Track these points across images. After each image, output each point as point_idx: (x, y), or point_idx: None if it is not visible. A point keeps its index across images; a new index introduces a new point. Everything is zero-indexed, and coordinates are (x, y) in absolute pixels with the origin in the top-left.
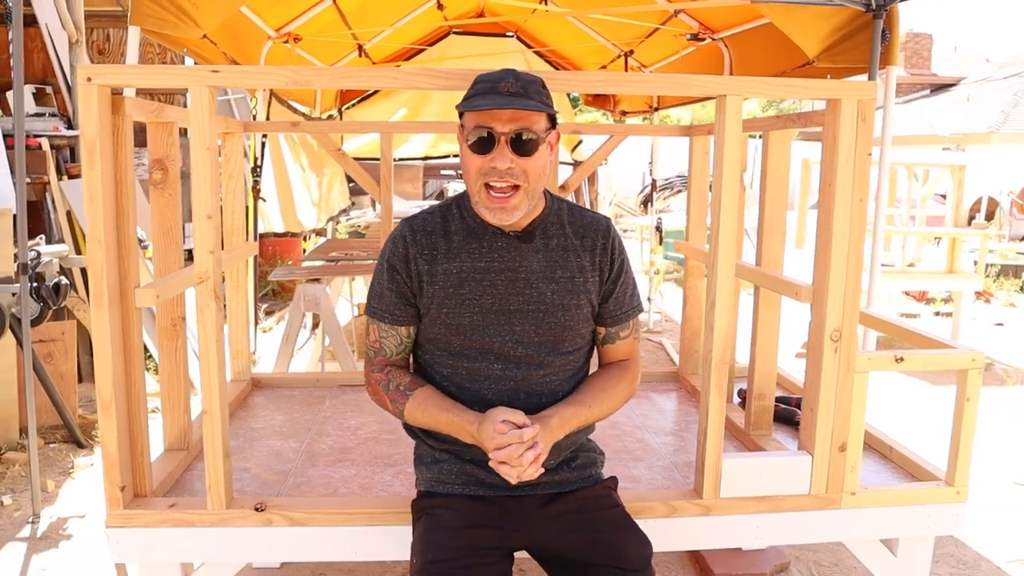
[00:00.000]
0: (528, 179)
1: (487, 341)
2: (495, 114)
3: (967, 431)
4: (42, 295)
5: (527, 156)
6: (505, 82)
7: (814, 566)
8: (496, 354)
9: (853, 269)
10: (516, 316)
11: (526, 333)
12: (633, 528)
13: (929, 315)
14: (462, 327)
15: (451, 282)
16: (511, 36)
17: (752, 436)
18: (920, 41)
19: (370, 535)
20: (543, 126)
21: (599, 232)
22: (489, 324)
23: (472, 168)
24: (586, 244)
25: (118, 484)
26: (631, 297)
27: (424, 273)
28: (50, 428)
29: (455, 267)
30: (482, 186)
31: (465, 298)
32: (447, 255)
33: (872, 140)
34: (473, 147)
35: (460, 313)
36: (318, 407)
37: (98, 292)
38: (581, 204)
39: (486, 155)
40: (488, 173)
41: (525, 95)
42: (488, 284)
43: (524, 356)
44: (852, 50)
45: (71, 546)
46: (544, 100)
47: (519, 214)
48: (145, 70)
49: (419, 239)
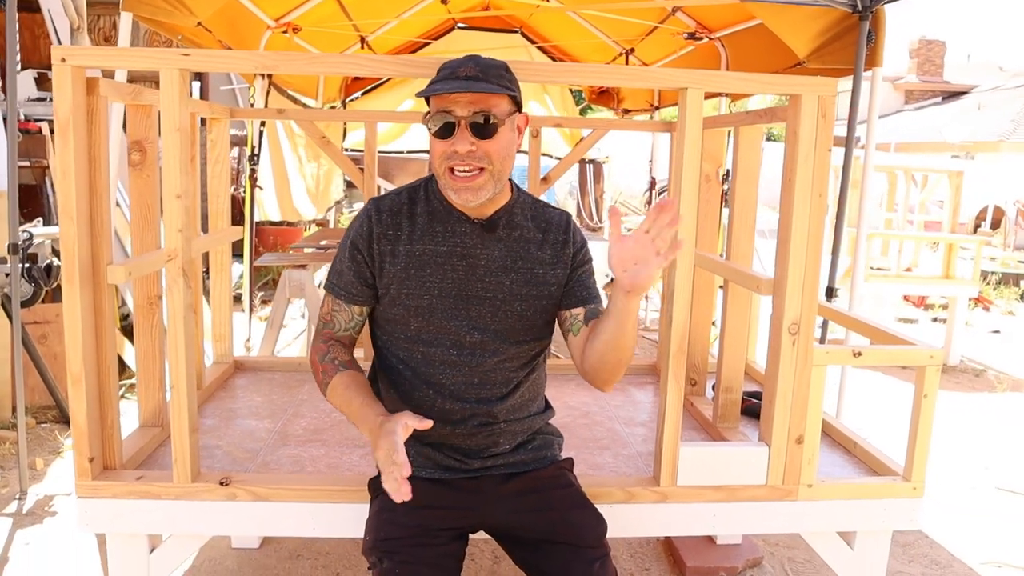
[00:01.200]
0: (491, 161)
1: (444, 325)
2: (454, 98)
3: (924, 427)
4: (34, 276)
5: (487, 139)
6: (464, 67)
7: (788, 562)
8: (452, 339)
9: (812, 262)
10: (474, 303)
11: (483, 320)
12: (587, 506)
13: (927, 321)
14: (420, 309)
15: (412, 264)
16: (516, 32)
17: (719, 428)
18: (933, 48)
19: (331, 512)
20: (505, 109)
21: (561, 227)
22: (447, 308)
23: (435, 153)
24: (548, 238)
25: (87, 455)
26: (593, 286)
27: (387, 253)
28: (42, 408)
29: (417, 249)
30: (446, 170)
31: (425, 280)
32: (410, 236)
33: (832, 136)
34: (435, 132)
35: (420, 295)
36: (297, 390)
37: (69, 268)
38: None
39: (448, 139)
40: (450, 157)
41: (484, 79)
42: (449, 268)
43: (479, 343)
44: (841, 51)
45: (55, 522)
46: (505, 84)
47: (485, 194)
48: (116, 52)
49: (384, 219)
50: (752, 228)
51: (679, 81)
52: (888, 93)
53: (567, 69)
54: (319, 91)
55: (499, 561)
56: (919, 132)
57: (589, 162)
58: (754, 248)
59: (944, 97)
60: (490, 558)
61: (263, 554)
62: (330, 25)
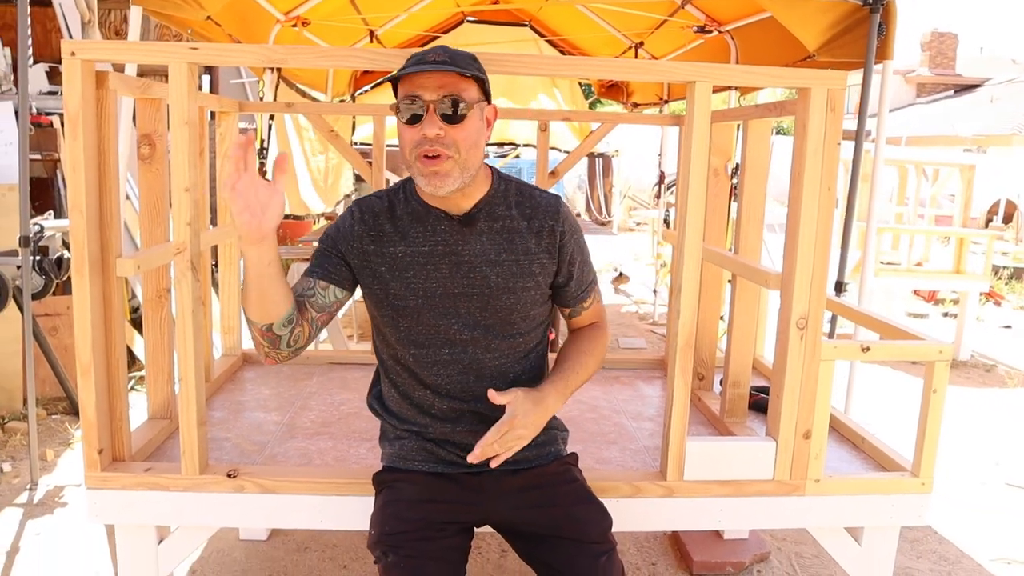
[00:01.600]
0: (459, 149)
1: (433, 324)
2: (423, 83)
3: (933, 423)
4: (45, 268)
5: (456, 124)
6: (433, 53)
7: (795, 557)
8: (443, 338)
9: (820, 257)
10: (461, 300)
11: (472, 316)
12: (592, 501)
13: (938, 315)
14: (408, 309)
15: (396, 265)
16: (525, 25)
17: (727, 423)
18: (945, 41)
19: (338, 504)
20: (474, 95)
21: (548, 214)
22: (435, 308)
23: (405, 141)
24: (533, 226)
25: (96, 447)
26: (589, 272)
27: (372, 254)
28: (53, 399)
29: (400, 250)
30: (417, 156)
31: (409, 281)
32: (392, 238)
33: (841, 130)
34: (404, 118)
35: (405, 296)
36: (305, 383)
37: (79, 260)
38: (596, 196)
39: (416, 126)
40: (420, 144)
41: (452, 63)
42: (432, 268)
43: (471, 339)
44: (851, 44)
45: (65, 512)
46: (473, 69)
47: (452, 182)
48: (125, 45)
49: (367, 219)
50: (761, 222)
51: (687, 75)
52: (899, 86)
53: (576, 63)
54: (328, 85)
55: (506, 555)
56: (931, 126)
57: (598, 156)
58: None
59: (956, 90)
60: (497, 552)
61: (271, 546)
62: (339, 19)
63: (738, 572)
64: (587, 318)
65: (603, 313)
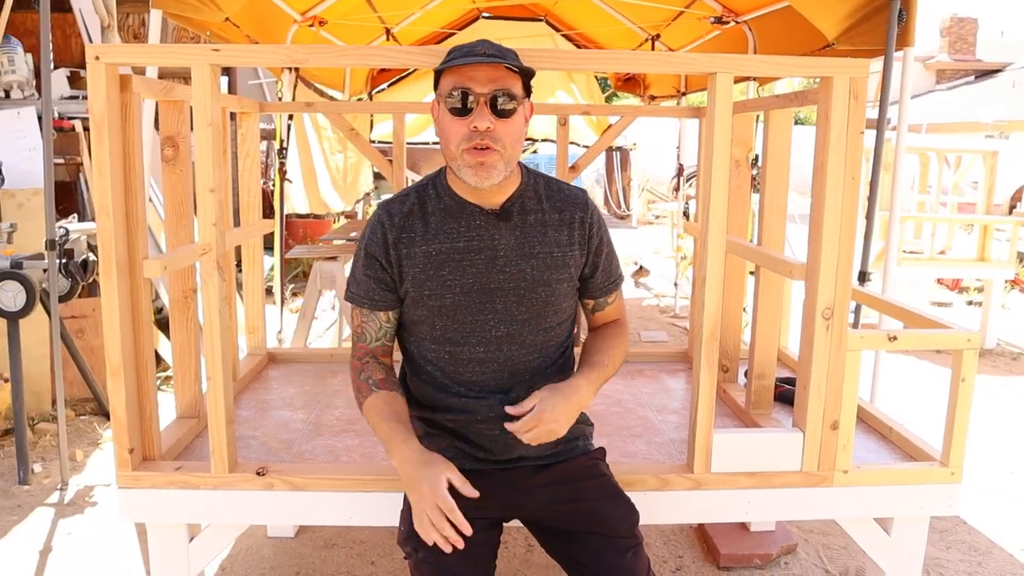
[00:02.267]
0: (504, 144)
1: (470, 321)
2: (473, 76)
3: (962, 412)
4: (71, 271)
5: (505, 119)
6: (482, 46)
7: (823, 548)
8: (479, 336)
9: (845, 247)
10: (497, 295)
11: (508, 311)
12: (619, 496)
13: (962, 304)
14: (444, 308)
15: (431, 263)
16: (541, 20)
17: (752, 415)
18: (965, 26)
19: (366, 501)
20: (520, 92)
21: (577, 206)
22: (471, 304)
23: (452, 133)
24: (564, 218)
25: (127, 447)
26: (616, 267)
27: (404, 257)
28: (81, 400)
29: (434, 248)
30: (465, 150)
31: (445, 279)
32: (425, 237)
33: (864, 118)
34: (453, 110)
35: (441, 294)
36: (330, 380)
37: (107, 263)
38: (614, 190)
39: (465, 117)
40: (470, 137)
41: (502, 57)
42: (468, 264)
43: (506, 336)
44: (870, 32)
45: (96, 512)
46: (520, 65)
47: (497, 175)
48: (148, 49)
49: (397, 222)
50: (784, 213)
51: (708, 66)
52: (919, 73)
53: (593, 56)
54: (346, 84)
55: (532, 549)
56: (951, 112)
57: (616, 149)
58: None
59: (977, 76)
60: (523, 546)
61: (299, 543)
62: (355, 18)
63: (765, 564)
64: (610, 313)
65: (624, 310)
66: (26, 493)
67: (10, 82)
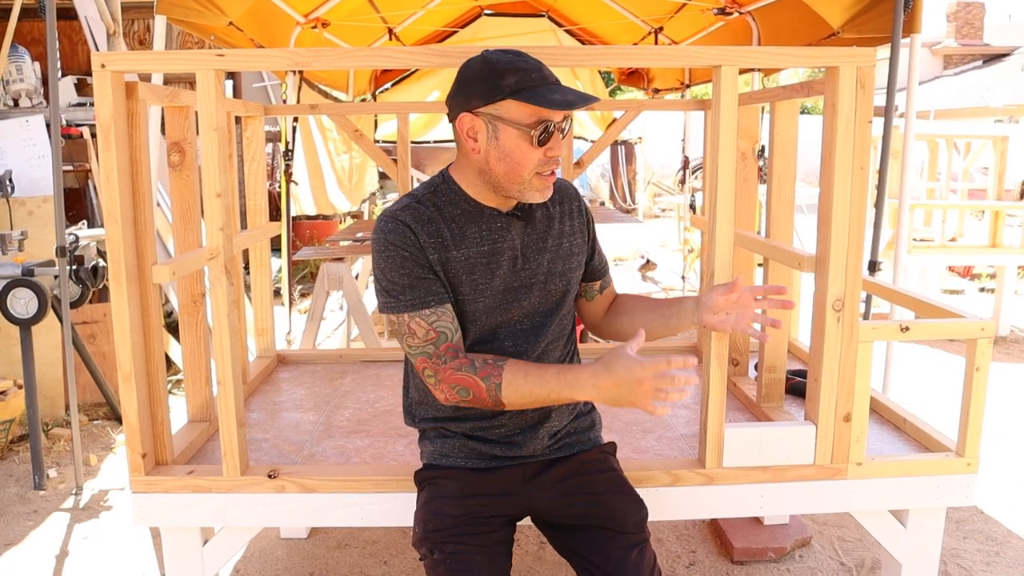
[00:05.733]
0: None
1: (502, 319)
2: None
3: (977, 401)
4: (81, 277)
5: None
6: (548, 72)
7: (837, 541)
8: (507, 332)
9: (855, 237)
10: (522, 291)
11: (532, 305)
12: (628, 491)
13: (974, 291)
14: (476, 313)
15: (463, 268)
16: (543, 16)
17: (763, 408)
18: (972, 10)
19: (378, 501)
20: None
21: (570, 196)
22: (499, 304)
23: (528, 159)
24: (565, 210)
25: (139, 451)
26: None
27: (435, 263)
28: (94, 405)
29: (463, 254)
30: (536, 175)
31: (477, 283)
32: (454, 242)
33: (872, 108)
34: (537, 142)
35: (474, 299)
36: (339, 381)
37: (116, 269)
38: (619, 184)
39: (544, 146)
40: (547, 163)
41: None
42: (496, 266)
43: (531, 328)
44: (876, 19)
45: (111, 516)
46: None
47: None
48: (153, 55)
49: (425, 228)
50: (791, 204)
51: (712, 59)
52: (926, 59)
53: (597, 52)
54: (350, 84)
55: (544, 546)
56: (959, 97)
57: (621, 143)
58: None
59: (985, 60)
60: (536, 544)
61: (311, 544)
62: (358, 18)
63: (779, 558)
64: (611, 292)
65: None
66: (41, 498)
67: (18, 91)
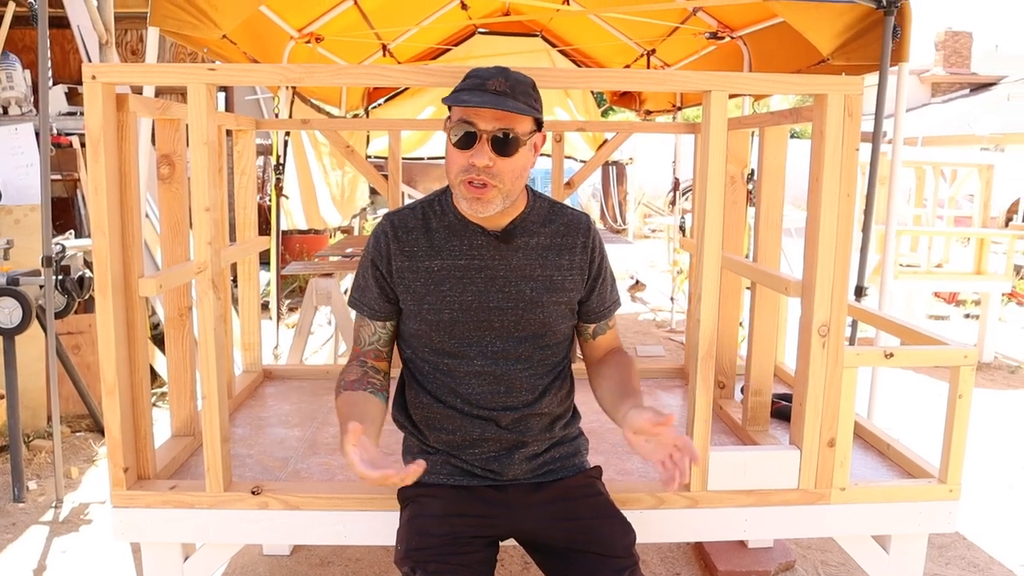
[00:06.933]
0: (503, 180)
1: (468, 337)
2: (479, 111)
3: (960, 429)
4: (67, 288)
5: (506, 157)
6: (495, 80)
7: (821, 565)
8: (477, 350)
9: (841, 263)
10: (495, 313)
11: (506, 329)
12: (616, 516)
13: (959, 317)
14: (442, 323)
15: (432, 279)
16: (537, 36)
17: (749, 431)
18: (959, 39)
19: (363, 520)
20: (527, 128)
21: (579, 231)
22: (469, 320)
23: (453, 163)
24: (566, 243)
25: (121, 465)
26: (612, 292)
27: (405, 270)
28: (77, 417)
29: (436, 264)
30: (462, 181)
31: (445, 295)
32: (428, 252)
33: (859, 135)
34: (456, 143)
35: (440, 310)
36: (326, 397)
37: (102, 281)
38: (610, 205)
39: (467, 151)
40: (468, 170)
41: (512, 96)
42: (468, 282)
43: (503, 352)
44: (866, 47)
45: (91, 530)
46: (531, 103)
47: (494, 208)
48: (145, 68)
49: (400, 236)
50: (779, 229)
51: (703, 84)
52: (914, 86)
53: (590, 75)
54: (342, 100)
55: (528, 567)
56: (946, 125)
57: (612, 164)
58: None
59: (972, 89)
60: (519, 564)
61: (294, 561)
62: (352, 34)
63: None
64: (610, 339)
65: (619, 338)
66: (21, 511)
67: (8, 98)
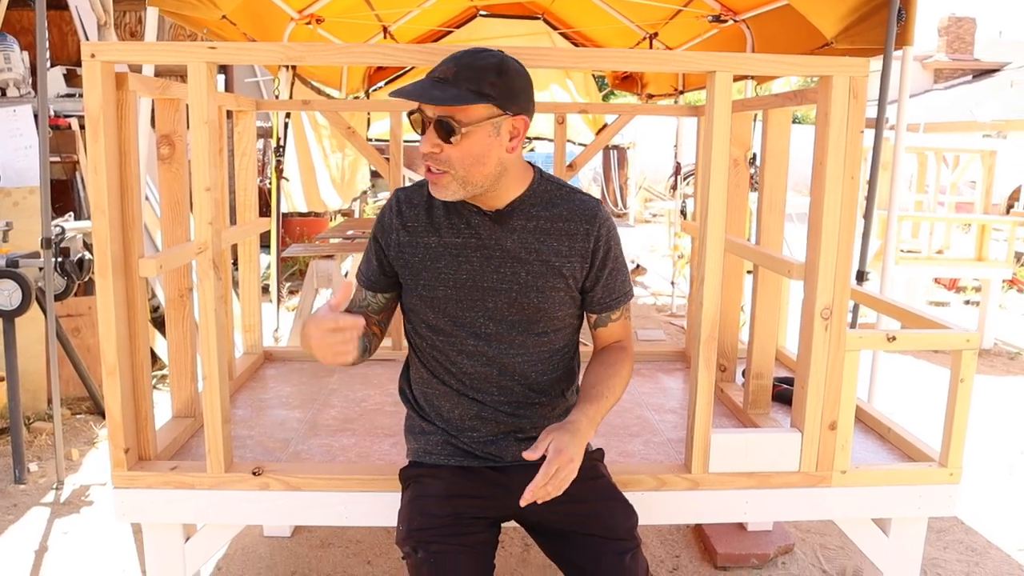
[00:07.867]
0: (453, 166)
1: (461, 315)
2: None
3: (961, 412)
4: (66, 270)
5: (450, 144)
6: (443, 66)
7: (820, 548)
8: (470, 329)
9: (844, 247)
10: (489, 293)
11: (499, 311)
12: (618, 498)
13: (959, 303)
14: (436, 300)
15: (428, 255)
16: (538, 18)
17: (750, 414)
18: (963, 26)
19: (363, 500)
20: (477, 115)
21: (584, 217)
22: (463, 299)
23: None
24: (568, 228)
25: (122, 446)
26: (622, 283)
27: (406, 244)
28: (77, 399)
29: (433, 241)
30: (424, 165)
31: (441, 272)
32: (427, 229)
33: (864, 117)
34: (413, 127)
35: (435, 286)
36: (326, 379)
37: (102, 261)
38: (611, 189)
39: (423, 136)
40: (424, 156)
41: (452, 82)
42: (464, 260)
43: (496, 334)
44: (870, 31)
45: (92, 511)
46: (479, 88)
47: (451, 193)
48: (144, 46)
49: (404, 210)
50: (782, 212)
51: (706, 65)
52: (917, 72)
53: (590, 55)
54: (343, 82)
55: (529, 548)
56: (949, 111)
57: (613, 148)
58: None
59: (975, 75)
60: (520, 546)
61: (295, 542)
62: (353, 16)
63: (762, 564)
64: (613, 332)
65: (630, 334)
66: (22, 492)
67: (6, 80)
